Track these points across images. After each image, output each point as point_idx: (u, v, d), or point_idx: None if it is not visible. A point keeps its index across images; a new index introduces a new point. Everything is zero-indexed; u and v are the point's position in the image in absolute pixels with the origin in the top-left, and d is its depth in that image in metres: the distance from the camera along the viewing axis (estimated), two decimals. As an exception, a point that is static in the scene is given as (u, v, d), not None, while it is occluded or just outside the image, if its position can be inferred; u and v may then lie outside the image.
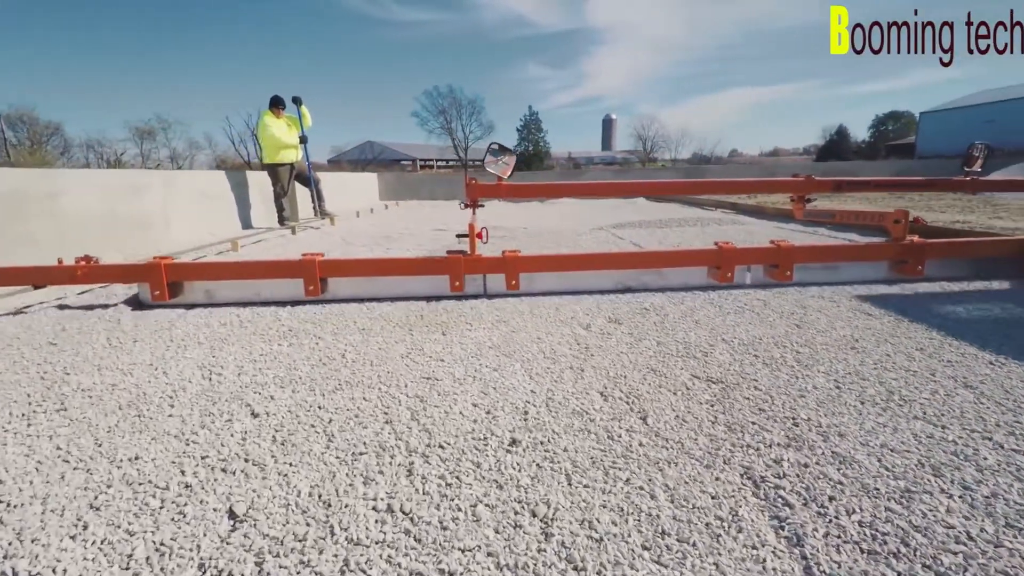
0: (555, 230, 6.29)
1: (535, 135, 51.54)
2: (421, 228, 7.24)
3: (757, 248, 3.15)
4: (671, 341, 2.18)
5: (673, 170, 14.49)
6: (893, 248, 3.14)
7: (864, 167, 14.29)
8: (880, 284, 3.10)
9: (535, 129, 51.69)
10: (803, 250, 3.05)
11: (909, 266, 3.10)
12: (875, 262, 3.18)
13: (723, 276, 3.01)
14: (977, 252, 3.28)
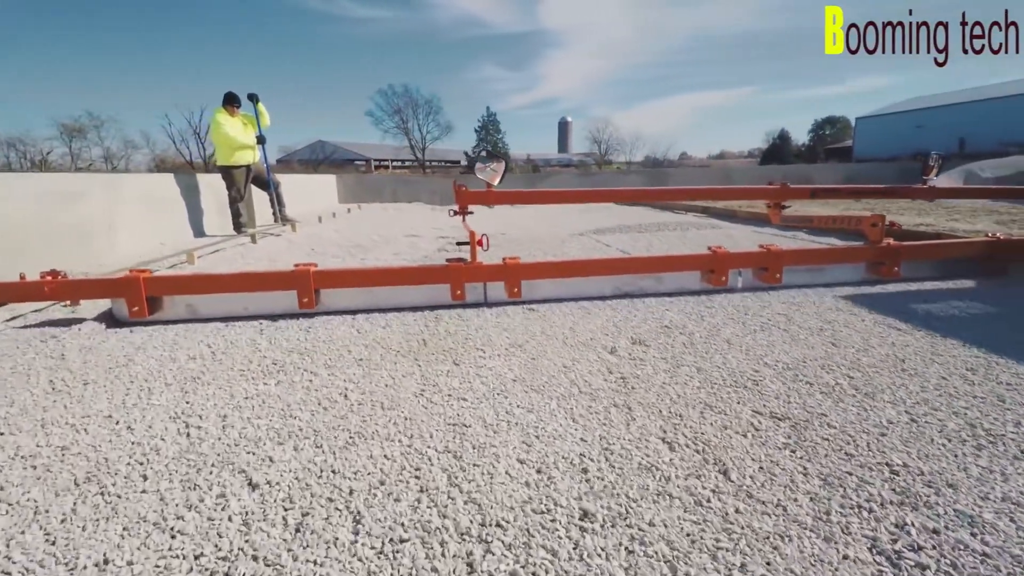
0: (536, 236, 6.08)
1: (494, 136, 51.38)
2: (392, 234, 6.87)
3: (749, 253, 3.18)
4: (711, 367, 1.99)
5: (638, 174, 14.62)
6: (872, 251, 3.27)
7: (819, 171, 14.87)
8: (868, 286, 3.21)
9: (494, 130, 51.54)
10: (791, 254, 3.16)
11: (886, 267, 3.25)
12: (855, 264, 3.32)
13: (717, 280, 3.06)
14: (946, 254, 3.46)
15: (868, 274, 3.32)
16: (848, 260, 3.33)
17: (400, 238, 6.34)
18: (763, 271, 3.14)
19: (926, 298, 2.97)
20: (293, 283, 2.77)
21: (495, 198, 3.56)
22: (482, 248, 3.04)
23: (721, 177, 14.42)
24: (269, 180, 6.75)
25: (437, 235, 6.67)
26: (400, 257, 4.89)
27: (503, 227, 7.02)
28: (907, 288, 3.22)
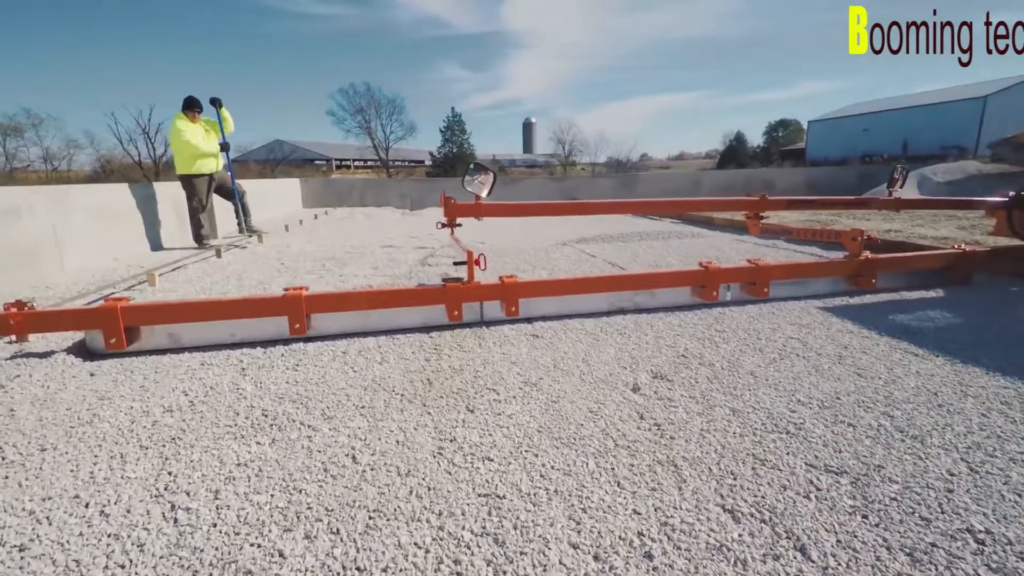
0: (518, 247, 5.92)
1: (459, 137, 50.88)
2: (366, 244, 6.57)
3: (738, 267, 3.25)
4: (745, 407, 1.88)
5: (609, 179, 14.66)
6: (851, 264, 3.42)
7: (782, 175, 15.25)
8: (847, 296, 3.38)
9: (459, 131, 51.02)
10: (777, 268, 3.27)
11: (864, 279, 3.44)
12: (836, 277, 3.49)
13: (708, 295, 3.14)
14: (918, 265, 3.63)
15: (847, 285, 3.49)
16: (829, 273, 3.47)
17: (376, 249, 6.07)
18: (751, 285, 3.24)
19: (927, 316, 2.96)
20: (284, 309, 2.64)
21: (485, 210, 3.53)
22: (479, 268, 2.96)
23: (690, 182, 14.62)
24: (234, 189, 6.35)
25: (415, 245, 6.42)
26: (380, 273, 4.64)
27: (485, 237, 6.84)
28: (899, 299, 3.28)
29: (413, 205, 13.51)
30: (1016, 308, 3.12)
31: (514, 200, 13.82)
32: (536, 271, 4.65)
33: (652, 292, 3.18)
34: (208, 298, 3.00)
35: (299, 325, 2.66)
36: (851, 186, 15.16)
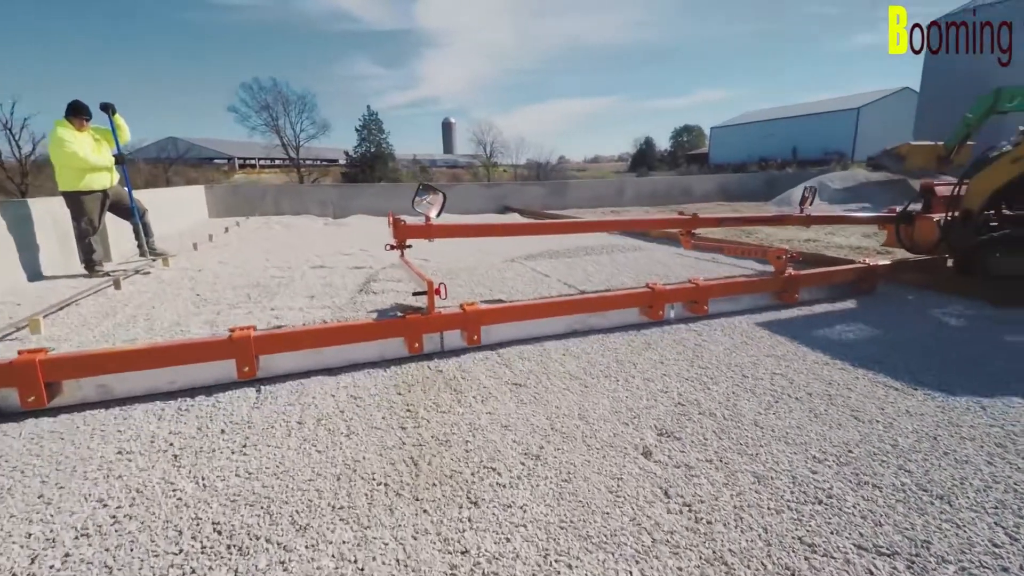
0: (467, 267, 5.63)
1: (376, 136, 49.11)
2: (293, 264, 5.98)
3: (681, 288, 3.43)
4: (767, 471, 1.77)
5: (540, 186, 14.73)
6: (777, 281, 3.73)
7: (698, 181, 16.03)
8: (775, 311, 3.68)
9: (376, 130, 49.23)
10: (716, 287, 3.50)
11: (788, 294, 3.76)
12: (764, 292, 3.79)
13: (655, 314, 3.32)
14: (833, 279, 4.02)
15: (773, 299, 3.81)
16: (759, 290, 3.75)
17: (306, 271, 5.52)
18: (693, 303, 3.44)
19: (883, 339, 3.07)
20: (232, 352, 2.47)
21: (437, 232, 3.53)
22: (439, 297, 2.90)
23: (615, 189, 14.98)
24: (133, 207, 5.51)
25: (349, 264, 5.93)
26: (318, 303, 4.18)
27: (431, 254, 6.47)
28: (837, 315, 3.43)
29: (335, 212, 12.72)
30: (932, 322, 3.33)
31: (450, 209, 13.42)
32: (492, 293, 4.41)
33: (605, 314, 3.30)
34: (145, 345, 2.55)
35: (248, 368, 2.50)
36: (757, 190, 16.33)
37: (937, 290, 4.29)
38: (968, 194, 4.34)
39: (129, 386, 2.39)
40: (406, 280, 4.78)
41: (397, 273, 5.09)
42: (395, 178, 48.85)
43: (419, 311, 2.89)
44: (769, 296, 3.80)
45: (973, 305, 3.87)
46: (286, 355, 2.63)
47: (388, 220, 3.49)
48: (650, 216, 4.94)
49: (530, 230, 4.77)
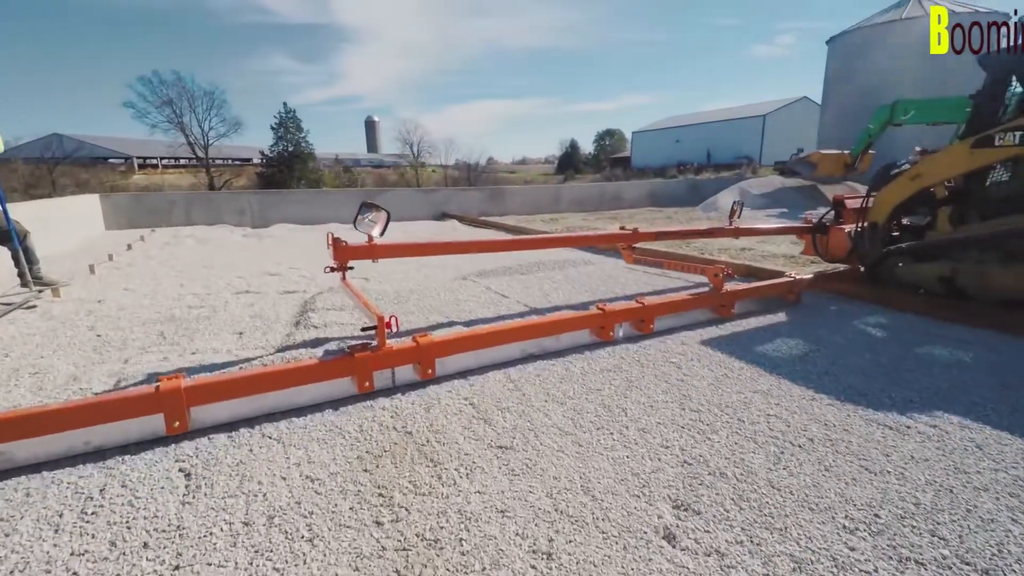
0: (418, 287, 5.21)
1: (294, 135, 46.46)
2: (214, 290, 5.30)
3: (628, 308, 3.48)
4: (804, 553, 1.59)
5: (479, 191, 14.42)
6: (716, 297, 3.90)
7: (629, 188, 16.45)
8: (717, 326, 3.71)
9: (294, 128, 46.58)
10: (661, 306, 3.61)
11: (725, 309, 3.96)
12: (704, 308, 3.94)
13: (606, 335, 3.40)
14: (765, 293, 4.27)
15: (711, 314, 3.96)
16: (699, 306, 3.89)
17: (229, 299, 4.88)
18: (640, 322, 3.53)
19: (857, 364, 3.07)
20: (160, 405, 2.22)
21: (380, 252, 3.41)
22: (390, 330, 2.71)
23: (552, 195, 14.97)
24: (11, 230, 4.60)
25: (279, 288, 5.33)
26: (248, 343, 3.65)
27: (374, 274, 5.96)
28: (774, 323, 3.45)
29: (255, 222, 11.72)
30: (875, 341, 3.42)
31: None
32: (446, 318, 4.08)
33: (559, 337, 3.30)
34: (57, 405, 2.13)
35: (179, 423, 2.27)
36: (682, 195, 17.00)
37: (850, 297, 4.66)
38: (874, 208, 4.74)
39: (34, 451, 2.07)
40: (350, 308, 4.33)
41: (337, 299, 4.61)
42: (316, 179, 46.54)
43: (368, 346, 2.67)
44: (708, 311, 3.95)
45: (888, 315, 4.18)
46: (221, 405, 2.38)
47: (327, 240, 3.30)
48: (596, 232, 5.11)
49: (478, 248, 4.49)
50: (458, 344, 2.92)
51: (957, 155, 4.11)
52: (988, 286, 3.94)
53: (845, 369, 3.01)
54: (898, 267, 4.50)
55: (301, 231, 10.61)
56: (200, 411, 2.34)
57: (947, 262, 4.18)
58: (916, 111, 12.12)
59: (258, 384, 2.45)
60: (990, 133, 3.82)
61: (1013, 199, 3.87)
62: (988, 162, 3.93)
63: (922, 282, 4.37)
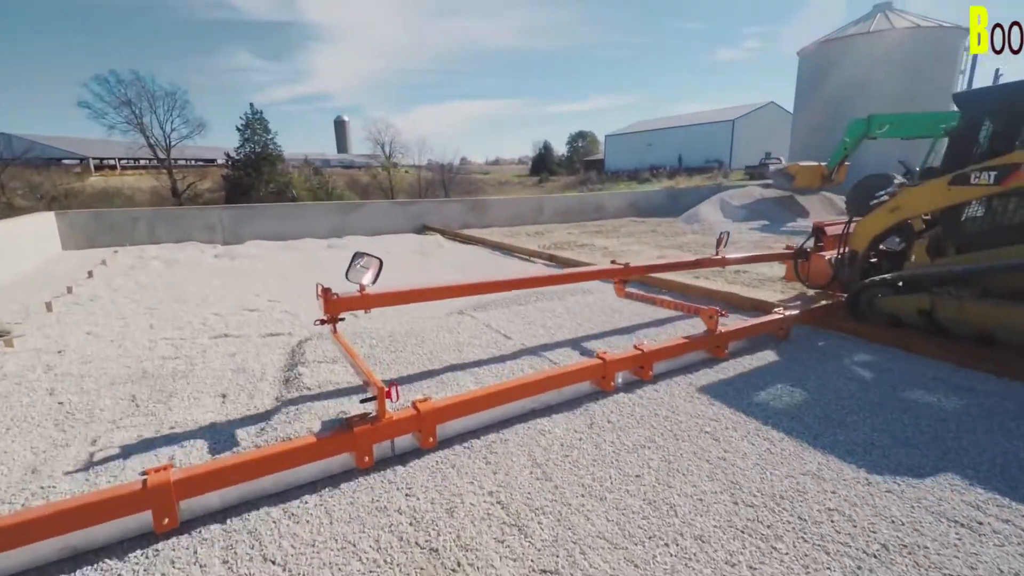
0: (412, 328, 4.86)
1: (262, 136, 45.03)
2: (188, 331, 4.86)
3: (628, 356, 3.44)
4: None
5: (460, 202, 14.11)
6: (711, 339, 3.91)
7: (610, 198, 16.36)
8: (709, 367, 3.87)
9: (261, 130, 45.12)
10: (659, 351, 3.59)
11: (719, 349, 3.96)
12: (700, 351, 3.93)
13: (607, 384, 3.36)
14: (754, 332, 4.26)
15: (707, 355, 3.98)
16: (696, 348, 3.88)
17: (208, 346, 4.47)
18: (640, 368, 3.52)
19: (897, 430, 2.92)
20: (147, 502, 2.07)
21: (373, 301, 3.31)
22: (391, 401, 2.58)
23: (535, 206, 14.72)
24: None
25: (263, 330, 4.93)
26: (234, 405, 3.29)
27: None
28: (785, 372, 3.30)
29: (226, 238, 11.12)
30: (887, 389, 3.30)
31: (354, 230, 12.35)
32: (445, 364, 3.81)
33: (561, 390, 3.23)
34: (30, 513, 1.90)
35: (168, 519, 2.11)
36: (663, 205, 17.03)
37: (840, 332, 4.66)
38: (854, 236, 4.93)
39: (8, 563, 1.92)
40: (341, 359, 3.99)
41: (327, 348, 4.26)
42: (285, 181, 45.24)
43: (367, 416, 2.56)
44: (703, 353, 3.96)
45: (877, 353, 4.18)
46: (212, 494, 2.24)
47: (316, 292, 3.16)
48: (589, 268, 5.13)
49: (474, 291, 4.26)
50: (460, 408, 2.80)
51: (935, 191, 4.21)
52: (965, 321, 3.99)
53: (886, 436, 2.84)
54: (878, 298, 4.55)
55: (276, 249, 10.09)
56: (190, 501, 2.20)
57: (926, 295, 4.20)
58: (891, 125, 12.35)
59: (252, 470, 2.29)
60: (966, 172, 3.94)
61: (986, 234, 4.04)
62: (964, 199, 4.05)
63: (902, 314, 4.40)
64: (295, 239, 11.47)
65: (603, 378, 3.32)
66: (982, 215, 4.08)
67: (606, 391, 3.35)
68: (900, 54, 20.79)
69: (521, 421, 3.04)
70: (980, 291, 4.03)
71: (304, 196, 47.60)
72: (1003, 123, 4.01)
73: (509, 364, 4.00)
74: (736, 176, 39.33)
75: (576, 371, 3.23)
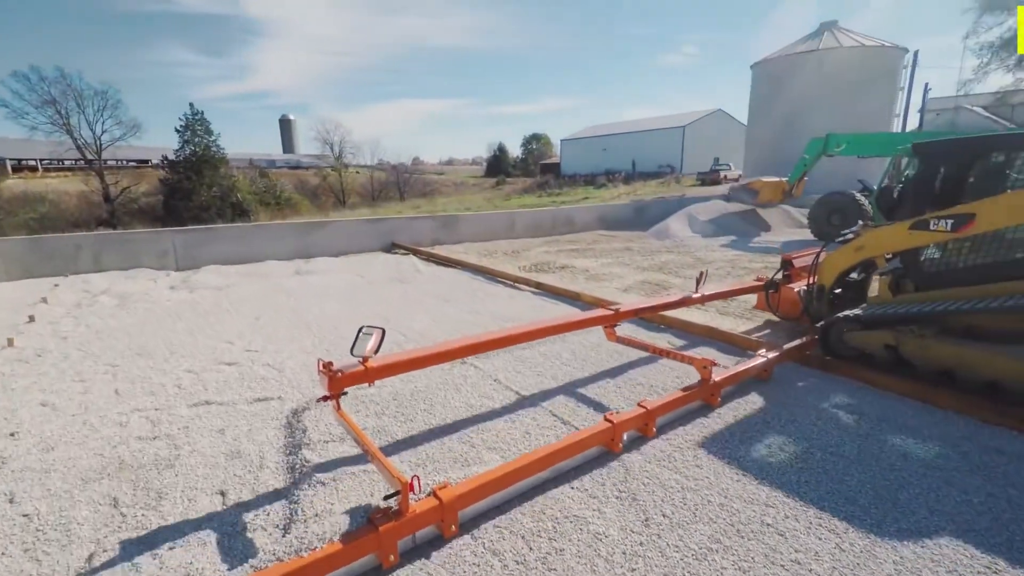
0: (420, 386, 4.49)
1: (203, 138, 42.65)
2: (163, 399, 4.34)
3: (634, 416, 3.50)
4: None
5: (431, 219, 13.71)
6: (705, 389, 4.01)
7: (578, 212, 16.35)
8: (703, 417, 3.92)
9: (202, 131, 42.74)
10: (661, 407, 3.67)
11: (713, 397, 4.08)
12: (696, 401, 4.03)
13: (615, 446, 3.41)
14: (743, 377, 4.38)
15: (702, 404, 4.07)
16: (693, 400, 3.98)
17: (189, 418, 3.99)
18: (644, 426, 3.60)
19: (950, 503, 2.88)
20: None
21: (377, 374, 3.13)
22: (413, 494, 2.52)
23: (506, 222, 14.47)
24: None
25: (247, 392, 4.46)
26: (235, 510, 2.90)
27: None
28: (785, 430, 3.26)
29: (180, 263, 10.27)
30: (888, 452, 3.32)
31: (321, 251, 11.75)
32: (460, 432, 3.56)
33: (572, 458, 3.26)
34: None
35: None
36: (629, 218, 17.23)
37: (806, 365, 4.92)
38: (822, 271, 5.24)
39: None
40: (347, 438, 3.64)
41: (328, 420, 3.90)
42: (229, 185, 43.09)
43: (390, 511, 2.50)
44: (698, 402, 4.05)
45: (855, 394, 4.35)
46: None
47: (317, 368, 3.04)
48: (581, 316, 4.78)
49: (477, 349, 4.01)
50: (479, 491, 2.78)
51: (897, 234, 4.49)
52: (927, 357, 4.24)
53: (944, 518, 2.80)
54: (845, 333, 4.76)
55: (238, 276, 9.39)
56: None
57: (891, 331, 4.44)
58: (847, 144, 12.92)
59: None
60: (926, 219, 4.19)
61: (942, 275, 4.41)
62: (923, 243, 4.37)
63: (869, 348, 4.62)
64: (256, 262, 10.76)
65: (612, 440, 3.39)
66: (938, 257, 4.45)
67: (614, 452, 3.42)
68: (847, 72, 21.92)
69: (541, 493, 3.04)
70: (939, 329, 4.29)
71: (250, 200, 45.44)
72: (953, 170, 4.47)
73: (520, 422, 3.91)
74: (688, 182, 40.50)
75: (588, 438, 3.27)
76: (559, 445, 3.13)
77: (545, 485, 3.10)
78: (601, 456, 3.38)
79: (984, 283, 4.13)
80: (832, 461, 3.33)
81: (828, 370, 4.76)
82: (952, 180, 4.49)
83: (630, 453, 3.44)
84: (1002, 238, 4.06)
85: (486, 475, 2.84)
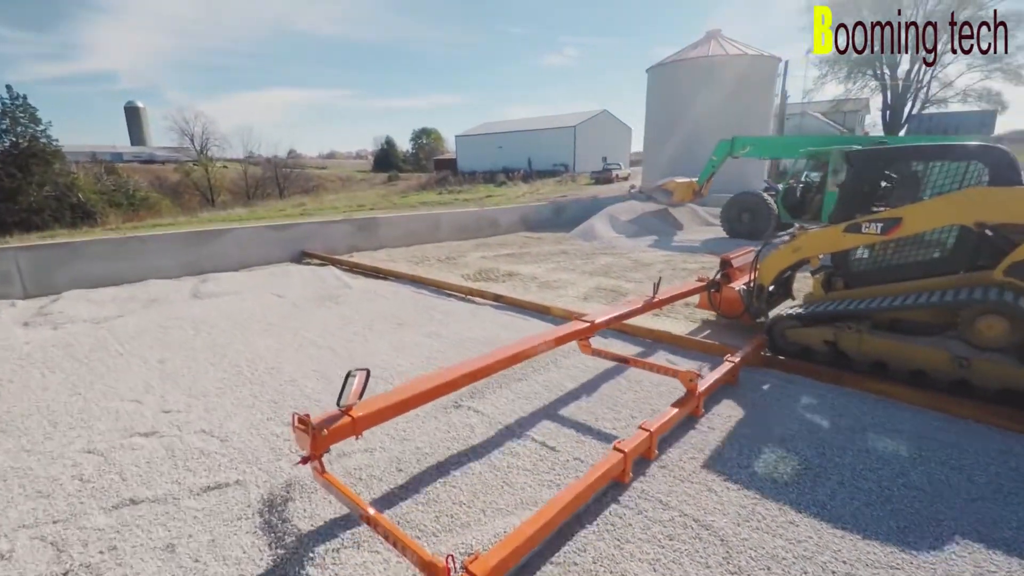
0: (421, 444, 3.65)
1: (28, 128, 35.56)
2: (60, 498, 3.06)
3: (641, 441, 3.40)
4: None
5: (347, 223, 12.36)
6: (692, 401, 4.03)
7: (503, 213, 15.84)
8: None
9: (25, 119, 35.60)
10: (662, 427, 3.62)
11: (697, 409, 4.11)
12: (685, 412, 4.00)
13: (625, 478, 3.29)
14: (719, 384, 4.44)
15: (688, 415, 4.05)
16: (683, 414, 3.95)
17: (111, 537, 2.81)
18: (647, 449, 3.53)
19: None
20: None
21: (365, 423, 2.75)
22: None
23: (431, 224, 13.45)
24: None
25: (189, 480, 3.31)
26: None
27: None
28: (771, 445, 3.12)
29: (30, 290, 8.04)
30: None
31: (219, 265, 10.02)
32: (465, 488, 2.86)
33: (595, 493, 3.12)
34: None
35: None
36: (548, 219, 17.16)
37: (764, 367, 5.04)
38: (761, 272, 5.60)
39: None
40: (339, 503, 2.77)
41: (318, 502, 2.96)
42: (67, 183, 36.52)
43: None
44: (685, 413, 4.01)
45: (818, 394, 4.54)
46: None
47: (292, 423, 2.59)
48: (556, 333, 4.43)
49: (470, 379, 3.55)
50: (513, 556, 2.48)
51: (831, 236, 4.90)
52: (863, 351, 4.61)
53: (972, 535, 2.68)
54: (787, 330, 5.05)
55: (117, 305, 7.50)
56: None
57: (830, 327, 4.77)
58: (752, 147, 13.85)
59: None
60: (858, 222, 4.60)
61: (871, 273, 4.82)
62: (855, 245, 4.78)
63: (811, 345, 4.93)
64: (135, 282, 8.81)
65: (623, 471, 3.30)
66: (867, 257, 4.86)
67: (623, 482, 3.30)
68: (733, 77, 23.78)
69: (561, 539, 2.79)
70: (870, 324, 4.63)
71: (95, 201, 38.78)
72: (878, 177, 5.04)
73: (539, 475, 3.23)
74: (584, 180, 41.89)
75: (604, 474, 3.12)
76: (579, 487, 2.92)
77: (562, 529, 2.85)
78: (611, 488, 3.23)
79: (906, 280, 4.55)
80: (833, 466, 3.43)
81: (786, 369, 4.92)
82: (877, 186, 5.01)
83: (639, 480, 3.33)
84: (922, 239, 4.48)
85: (515, 536, 2.53)
